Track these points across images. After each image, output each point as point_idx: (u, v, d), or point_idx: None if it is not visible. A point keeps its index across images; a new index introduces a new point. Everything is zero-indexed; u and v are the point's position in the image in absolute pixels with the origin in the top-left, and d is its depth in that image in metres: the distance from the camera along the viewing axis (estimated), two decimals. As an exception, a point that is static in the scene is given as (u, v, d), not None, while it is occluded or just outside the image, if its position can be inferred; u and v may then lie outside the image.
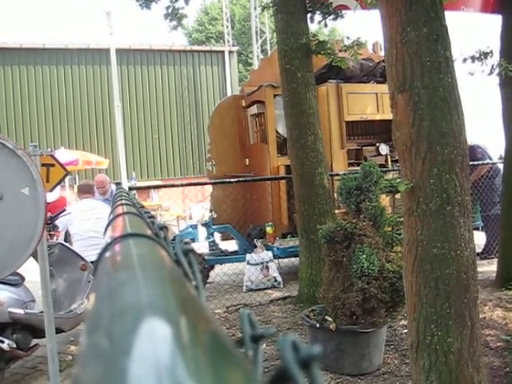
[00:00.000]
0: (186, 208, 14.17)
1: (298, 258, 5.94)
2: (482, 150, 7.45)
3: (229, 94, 16.04)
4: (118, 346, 0.29)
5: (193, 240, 7.11)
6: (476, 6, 6.17)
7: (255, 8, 18.99)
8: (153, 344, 0.28)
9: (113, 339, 0.31)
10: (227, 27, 19.90)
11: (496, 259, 6.08)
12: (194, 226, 7.78)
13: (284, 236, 6.89)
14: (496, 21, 5.88)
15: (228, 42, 19.20)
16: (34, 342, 4.03)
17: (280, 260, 6.96)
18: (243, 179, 6.68)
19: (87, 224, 5.21)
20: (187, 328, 0.32)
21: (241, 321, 0.41)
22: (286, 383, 0.28)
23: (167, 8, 6.56)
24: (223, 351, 0.31)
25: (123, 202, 1.50)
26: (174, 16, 6.58)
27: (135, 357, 0.27)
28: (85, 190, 5.69)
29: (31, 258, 2.88)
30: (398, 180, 3.01)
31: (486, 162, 7.22)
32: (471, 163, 6.94)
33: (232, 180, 6.47)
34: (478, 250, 6.08)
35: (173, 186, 7.98)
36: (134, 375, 0.25)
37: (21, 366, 4.22)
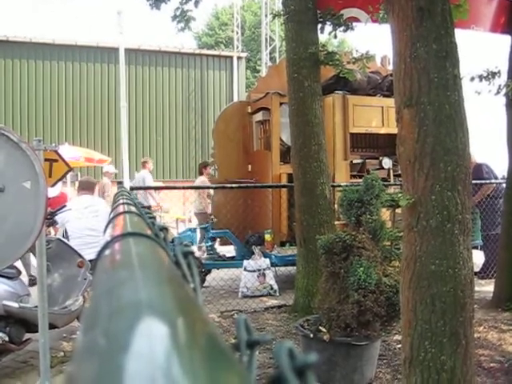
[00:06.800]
0: (186, 211, 14.16)
1: (295, 267, 5.93)
2: (489, 169, 7.44)
3: (235, 99, 16.08)
4: (115, 344, 0.29)
5: (191, 243, 7.11)
6: (486, 26, 6.19)
7: (266, 15, 19.07)
8: (149, 343, 0.28)
9: (110, 337, 0.31)
10: (237, 33, 19.99)
11: (494, 279, 6.06)
12: (193, 230, 7.79)
13: (282, 244, 6.88)
14: (505, 42, 5.90)
15: (237, 47, 19.29)
16: (27, 336, 4.03)
17: (277, 268, 6.95)
18: (245, 185, 6.69)
19: (84, 222, 5.19)
20: (184, 328, 0.32)
21: (237, 326, 0.41)
22: (280, 389, 0.28)
23: (176, 10, 6.59)
24: (219, 353, 0.31)
25: (124, 201, 1.50)
26: (182, 18, 6.61)
27: (131, 354, 0.27)
28: (83, 187, 5.65)
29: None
30: (400, 195, 3.01)
31: (491, 181, 7.20)
32: (477, 182, 7.00)
33: (233, 185, 6.47)
34: (476, 269, 6.07)
35: (174, 188, 8.00)
36: (129, 372, 0.25)
37: (12, 360, 4.20)
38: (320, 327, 3.72)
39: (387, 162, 7.19)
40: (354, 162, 7.18)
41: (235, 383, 0.28)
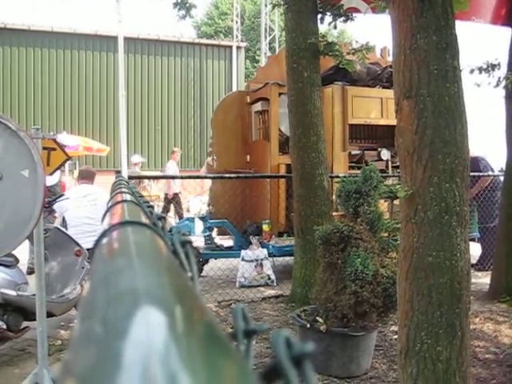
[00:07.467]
0: (184, 200, 14.16)
1: (292, 258, 5.94)
2: (485, 162, 7.46)
3: (234, 89, 16.03)
4: (112, 332, 0.29)
5: (189, 233, 7.12)
6: (487, 18, 6.16)
7: (266, 5, 18.97)
8: (147, 330, 0.28)
9: (107, 325, 0.31)
10: (237, 22, 19.89)
11: (490, 271, 6.09)
12: (191, 219, 7.79)
13: (280, 235, 6.89)
14: (506, 34, 5.89)
15: (237, 37, 19.20)
16: (25, 324, 4.04)
17: (275, 258, 6.96)
18: (243, 175, 6.68)
19: (82, 211, 5.20)
20: (182, 316, 0.32)
21: (234, 315, 0.41)
22: (277, 378, 0.28)
23: (177, -3, 6.58)
24: (217, 341, 0.31)
25: (122, 190, 1.50)
26: (183, 5, 6.58)
27: (129, 342, 0.27)
28: (83, 176, 5.65)
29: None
30: (398, 186, 3.01)
31: (488, 173, 7.22)
32: (473, 174, 7.01)
33: (232, 176, 6.47)
34: (473, 261, 6.09)
35: (172, 177, 7.98)
36: (127, 360, 0.25)
37: (9, 348, 4.22)
38: (317, 317, 3.73)
39: (386, 154, 7.18)
40: (353, 153, 7.17)
41: (233, 371, 0.28)
